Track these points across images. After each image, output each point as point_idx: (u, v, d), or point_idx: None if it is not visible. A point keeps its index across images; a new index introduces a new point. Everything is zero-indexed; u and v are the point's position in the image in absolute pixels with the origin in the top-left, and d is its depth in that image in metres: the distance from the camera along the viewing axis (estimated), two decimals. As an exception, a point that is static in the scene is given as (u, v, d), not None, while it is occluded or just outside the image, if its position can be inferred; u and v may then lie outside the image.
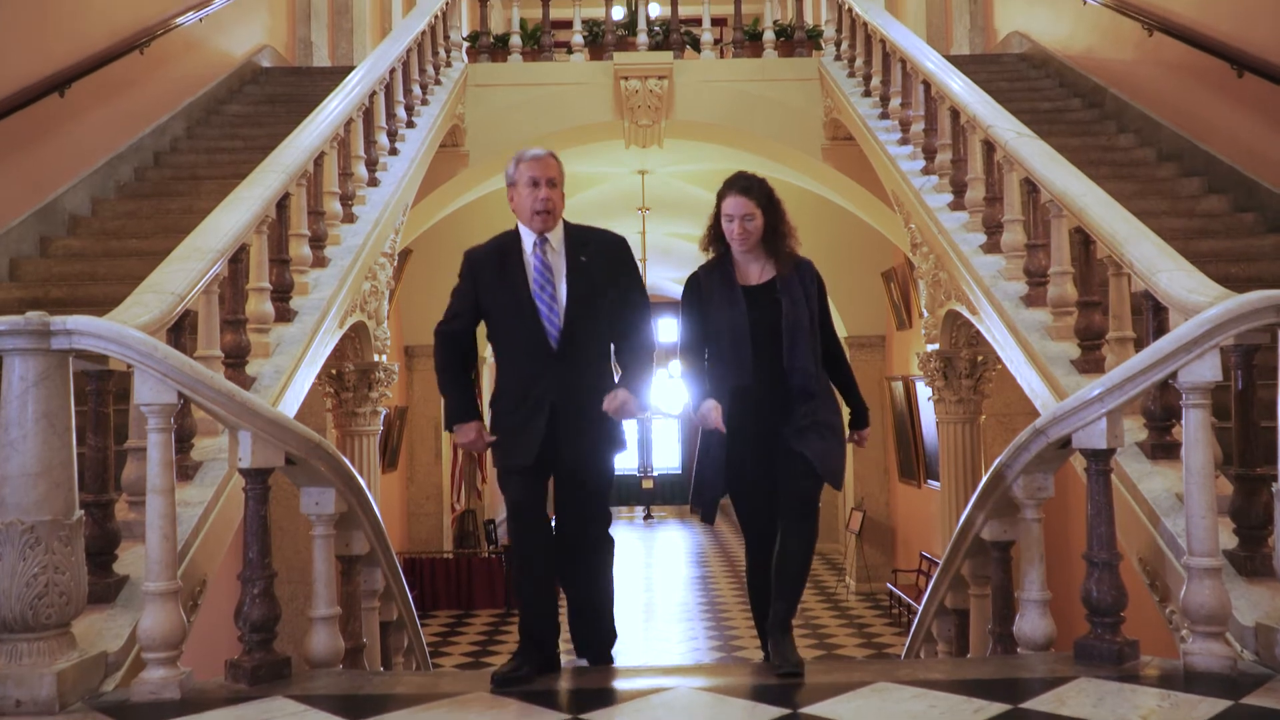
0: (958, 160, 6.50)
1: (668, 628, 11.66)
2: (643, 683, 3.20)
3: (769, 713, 2.86)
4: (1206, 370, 3.07)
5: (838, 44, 9.56)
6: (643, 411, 3.50)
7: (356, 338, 6.52)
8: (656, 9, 12.09)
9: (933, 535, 10.79)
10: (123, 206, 7.22)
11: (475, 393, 3.56)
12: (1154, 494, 3.73)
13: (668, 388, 17.28)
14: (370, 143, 6.98)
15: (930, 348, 7.11)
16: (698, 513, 3.76)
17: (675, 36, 9.90)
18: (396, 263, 7.13)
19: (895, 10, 12.34)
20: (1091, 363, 4.58)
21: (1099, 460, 3.23)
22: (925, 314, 7.03)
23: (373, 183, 6.94)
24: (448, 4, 9.46)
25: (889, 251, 12.14)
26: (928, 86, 7.03)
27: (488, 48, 10.03)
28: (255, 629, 3.13)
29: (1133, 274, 4.21)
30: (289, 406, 4.80)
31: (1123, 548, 3.44)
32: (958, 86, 6.45)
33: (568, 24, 10.19)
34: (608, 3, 10.22)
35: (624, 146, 10.09)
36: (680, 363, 3.73)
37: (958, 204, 6.42)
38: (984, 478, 3.78)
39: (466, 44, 10.22)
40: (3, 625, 2.79)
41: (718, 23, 10.50)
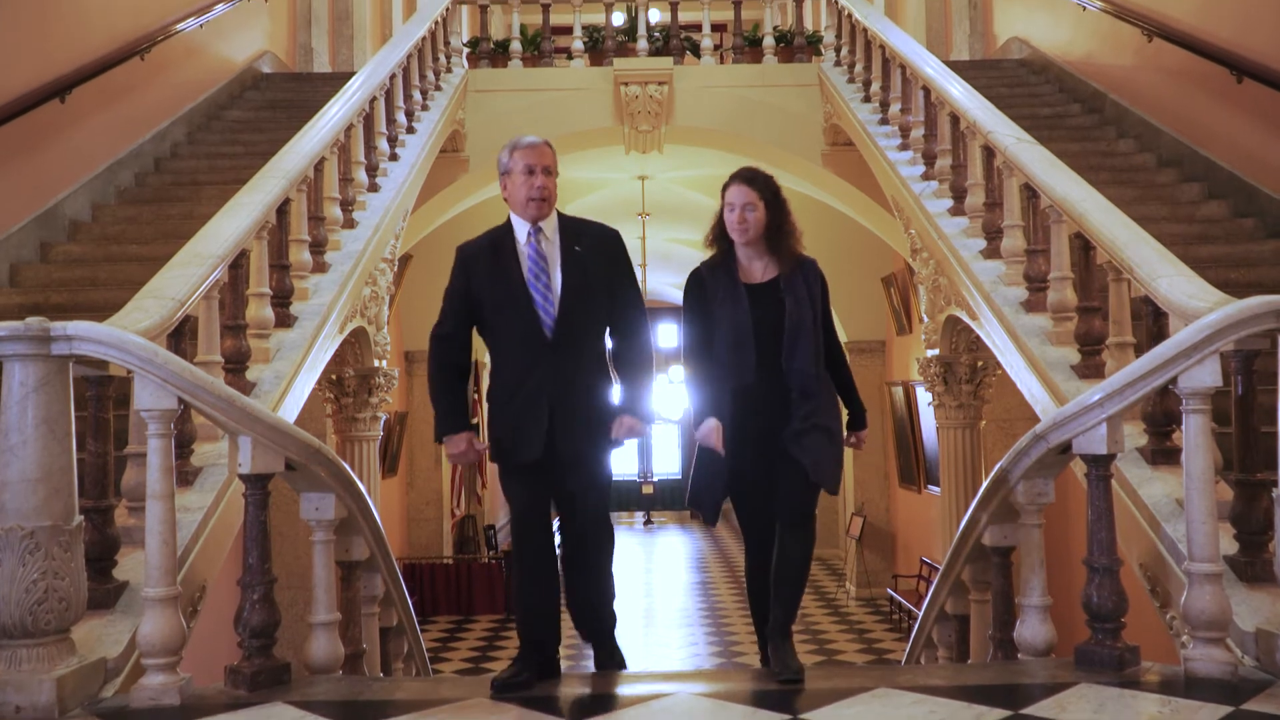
0: (957, 166, 6.51)
1: (668, 633, 11.65)
2: (643, 688, 3.20)
3: (769, 718, 2.86)
4: (1206, 376, 3.07)
5: (837, 50, 9.58)
6: (649, 423, 3.47)
7: (356, 343, 6.52)
8: (656, 15, 12.07)
9: (933, 540, 10.78)
10: (123, 212, 7.23)
11: (467, 402, 3.49)
12: (1154, 499, 3.73)
13: (668, 393, 17.27)
14: (370, 148, 6.99)
15: (930, 353, 7.11)
16: (697, 515, 3.74)
17: (675, 42, 9.92)
18: (397, 268, 7.14)
19: (895, 16, 12.36)
20: (1092, 368, 4.59)
21: (1099, 465, 3.23)
22: (925, 319, 7.03)
23: (373, 188, 6.94)
24: (448, 10, 9.48)
25: (889, 257, 12.15)
26: (927, 92, 7.04)
27: (488, 53, 10.04)
28: (255, 634, 3.13)
29: (1133, 279, 4.21)
30: (289, 412, 4.80)
31: (1123, 553, 3.44)
32: (957, 92, 6.45)
33: (568, 30, 10.20)
34: (608, 8, 10.22)
35: (624, 152, 10.11)
36: (684, 368, 3.69)
37: (958, 209, 6.43)
38: (984, 483, 3.78)
39: (467, 50, 10.22)
40: (2, 631, 2.79)
41: (717, 28, 10.50)
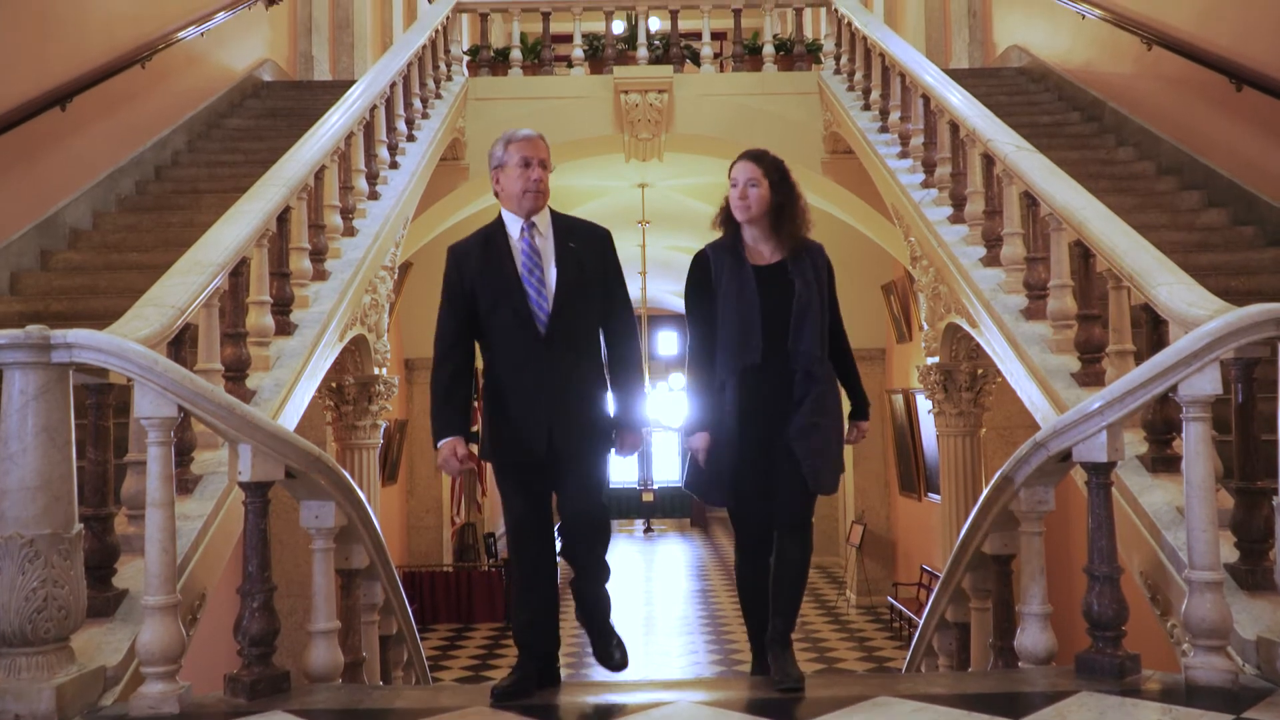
0: (957, 174, 6.51)
1: (668, 641, 11.63)
2: (643, 697, 3.19)
3: (769, 727, 2.85)
4: (1206, 384, 3.07)
5: (837, 58, 9.59)
6: (645, 428, 3.45)
7: (357, 351, 6.52)
8: (656, 23, 12.11)
9: (933, 548, 10.77)
10: (123, 220, 7.23)
11: (466, 407, 3.36)
12: (1155, 507, 3.72)
13: (669, 402, 17.25)
14: (371, 156, 6.99)
15: (930, 361, 7.11)
16: (700, 497, 3.60)
17: (675, 50, 9.93)
18: (397, 276, 7.14)
19: (894, 24, 12.39)
20: (1091, 376, 4.58)
21: (1099, 473, 3.23)
22: (925, 327, 7.03)
23: (373, 196, 6.95)
24: (448, 18, 9.50)
25: (889, 265, 12.16)
26: (927, 100, 7.05)
27: (488, 61, 10.06)
28: (254, 643, 3.13)
29: (1132, 287, 4.21)
30: (289, 420, 4.79)
31: (1124, 561, 3.44)
32: (957, 100, 6.46)
33: (568, 38, 10.22)
34: (608, 17, 10.24)
35: (624, 160, 10.11)
36: (686, 372, 3.64)
37: (957, 217, 6.43)
38: (985, 491, 3.78)
39: (467, 58, 10.25)
40: (2, 639, 2.78)
41: (717, 37, 10.53)
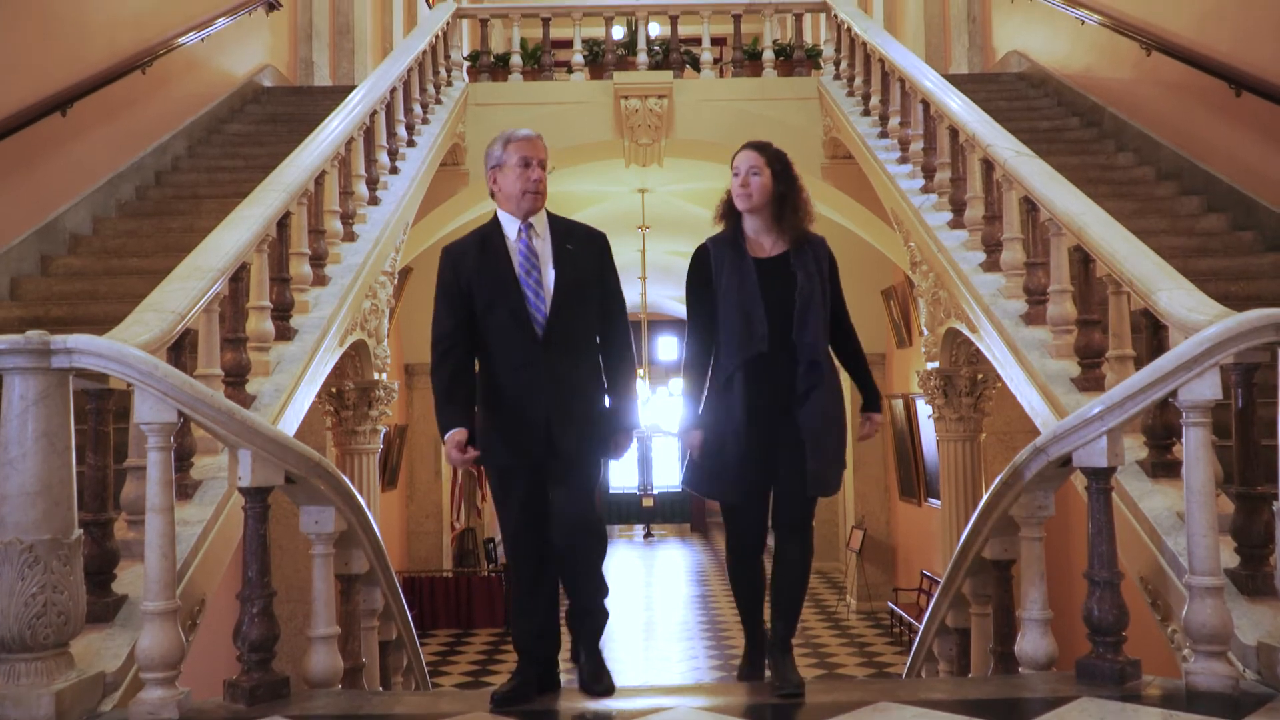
0: (957, 179, 6.52)
1: (668, 647, 11.62)
2: (643, 702, 3.18)
3: (770, 733, 2.85)
4: (1206, 389, 3.07)
5: (837, 63, 9.61)
6: (637, 430, 3.42)
7: (356, 356, 6.53)
8: (656, 28, 12.13)
9: (933, 553, 10.77)
10: (124, 225, 7.24)
11: (463, 403, 3.30)
12: (1155, 512, 3.72)
13: (669, 407, 17.24)
14: (371, 161, 7.00)
15: (930, 366, 7.11)
16: (699, 492, 3.53)
17: (675, 56, 9.95)
18: (397, 281, 7.14)
19: (894, 30, 12.40)
20: (1091, 381, 4.58)
21: (1099, 479, 3.22)
22: (925, 332, 7.03)
23: (373, 201, 6.95)
24: (448, 24, 9.52)
25: (888, 270, 12.17)
26: (926, 105, 7.06)
27: (488, 67, 10.08)
28: (254, 649, 3.12)
29: (1132, 292, 4.21)
30: (289, 425, 4.79)
31: (1124, 566, 3.44)
32: (956, 105, 6.47)
33: (568, 44, 10.23)
34: (608, 22, 10.26)
35: (624, 165, 10.13)
36: (683, 368, 3.61)
37: (957, 222, 6.43)
38: (985, 496, 3.77)
39: (467, 63, 10.27)
40: (1, 645, 2.78)
41: (717, 42, 10.54)
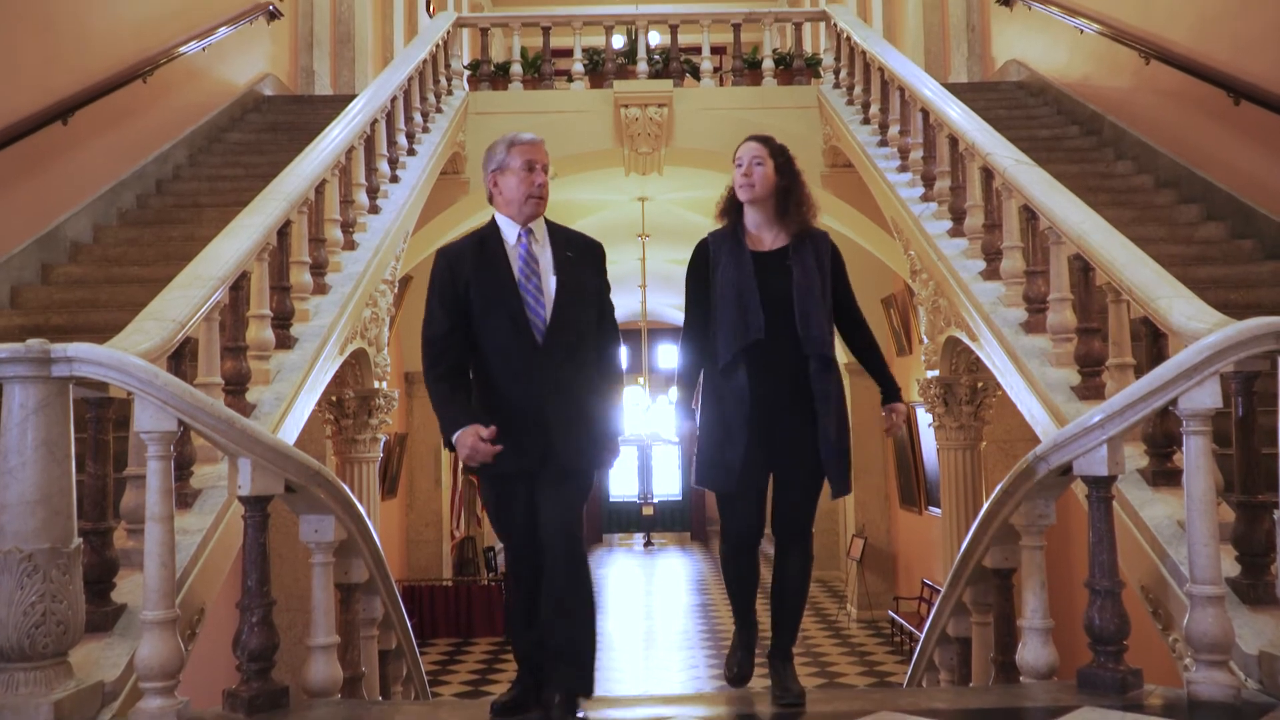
0: (956, 187, 6.52)
1: (668, 656, 11.59)
2: (643, 712, 3.18)
3: (770, 742, 2.84)
4: (1206, 397, 3.07)
5: (836, 72, 9.63)
6: (620, 437, 3.34)
7: (357, 364, 6.53)
8: (656, 37, 12.17)
9: (934, 562, 10.75)
10: (124, 234, 7.24)
11: (465, 401, 3.23)
12: (1156, 521, 3.72)
13: (670, 415, 17.26)
14: (371, 170, 7.01)
15: (930, 374, 7.11)
16: (703, 483, 3.44)
17: (675, 65, 9.97)
18: (397, 290, 7.15)
19: (893, 39, 12.43)
20: (1092, 389, 4.58)
21: (1100, 487, 3.22)
22: (925, 340, 7.03)
23: (374, 210, 6.96)
24: (449, 33, 9.54)
25: (888, 278, 12.17)
26: (926, 114, 7.07)
27: (489, 76, 10.10)
28: (253, 658, 3.11)
29: (1132, 300, 4.21)
30: (289, 433, 4.79)
31: (1125, 575, 3.43)
32: (956, 114, 6.48)
33: (568, 52, 10.25)
34: (608, 31, 10.28)
35: (624, 174, 10.14)
36: (677, 372, 3.55)
37: (957, 231, 6.44)
38: (985, 505, 3.77)
39: (468, 72, 10.28)
40: (0, 654, 2.77)
41: (717, 51, 10.56)
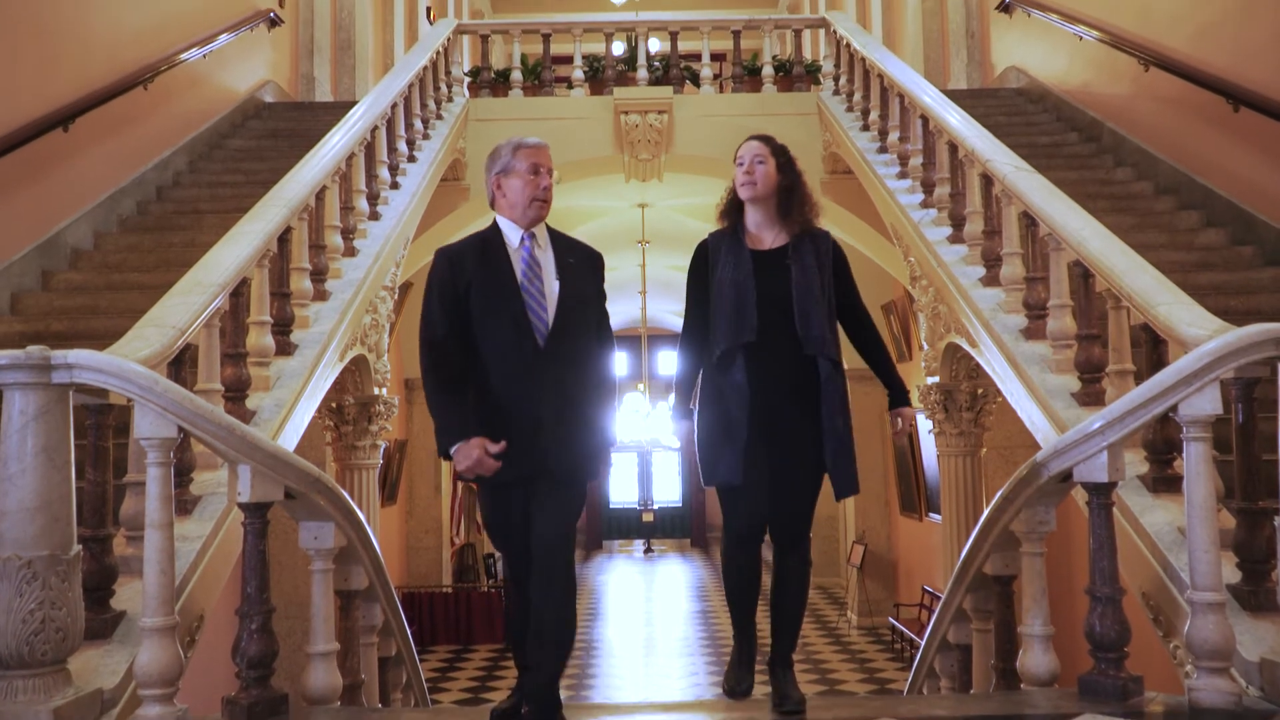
0: (956, 194, 6.53)
1: (668, 663, 11.57)
2: (643, 719, 3.17)
3: (771, 750, 2.84)
4: (1206, 403, 3.07)
5: (836, 79, 9.64)
6: (614, 445, 3.32)
7: (356, 371, 6.52)
8: (656, 44, 12.18)
9: (934, 569, 10.73)
10: (125, 240, 7.25)
11: (466, 409, 3.18)
12: (1156, 528, 3.71)
13: (668, 422, 17.27)
14: (372, 177, 7.01)
15: (930, 380, 7.10)
16: (708, 480, 3.39)
17: (675, 72, 9.98)
18: (397, 296, 7.15)
19: (893, 46, 12.45)
20: (1092, 396, 4.58)
21: (1100, 494, 3.22)
22: (925, 347, 7.03)
23: (374, 216, 6.96)
24: (449, 40, 9.56)
25: (888, 284, 12.17)
26: (926, 121, 7.07)
27: (489, 83, 10.11)
28: (253, 665, 3.10)
29: (1132, 307, 4.21)
30: (289, 440, 4.79)
31: (1125, 582, 3.42)
32: (956, 121, 6.48)
33: (568, 59, 10.27)
34: (608, 38, 10.30)
35: (624, 180, 10.15)
36: (676, 372, 3.54)
37: (957, 237, 6.44)
38: (985, 511, 3.76)
39: (468, 79, 10.30)
40: (-2, 661, 2.77)
41: (717, 58, 10.58)
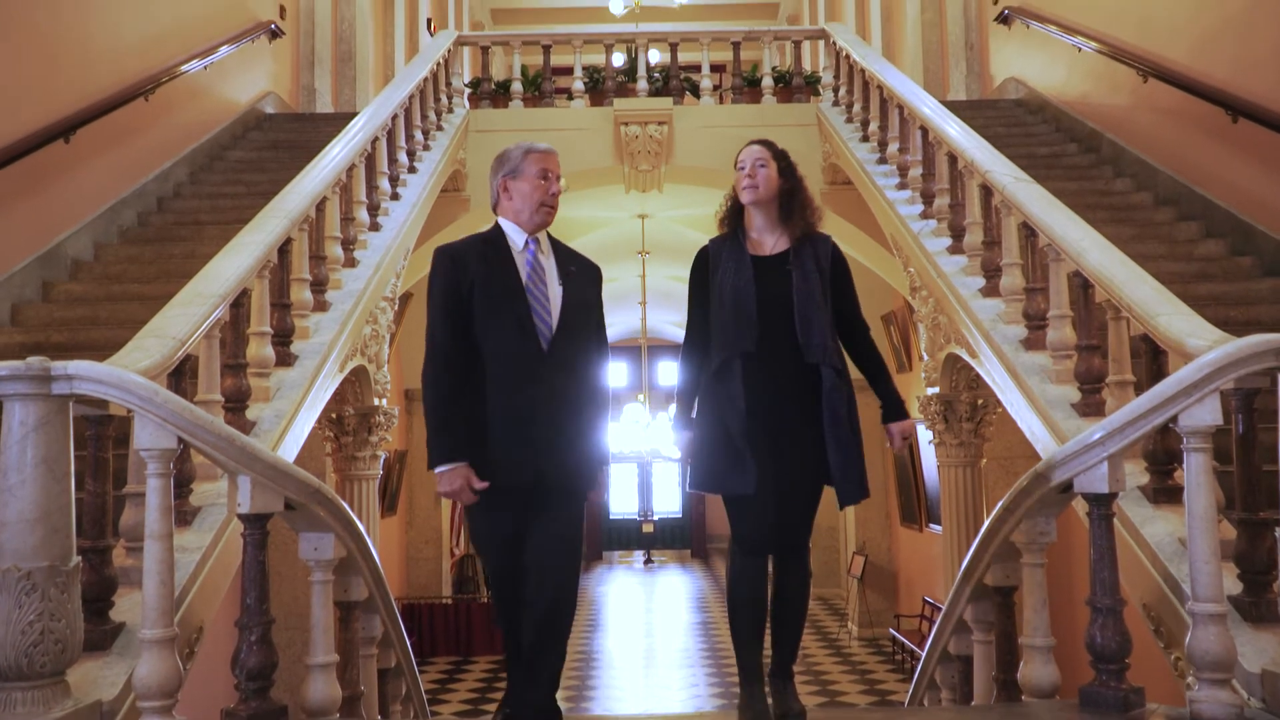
0: (956, 205, 6.53)
1: (668, 674, 11.54)
2: (643, 731, 3.16)
3: (771, 762, 2.83)
4: (1207, 414, 3.06)
5: (836, 90, 9.66)
6: (608, 456, 3.32)
7: (357, 381, 6.52)
8: (656, 55, 12.21)
9: (935, 580, 10.72)
10: (125, 251, 7.25)
11: (466, 425, 3.16)
12: (1157, 538, 3.71)
13: (669, 432, 17.25)
14: (372, 188, 7.02)
15: (930, 391, 7.10)
16: (704, 489, 3.33)
17: (675, 83, 10.01)
18: (397, 307, 7.15)
19: (892, 57, 12.48)
20: (1092, 406, 4.58)
21: (1101, 504, 3.21)
22: (925, 357, 7.03)
23: (374, 227, 6.97)
24: (449, 51, 9.59)
25: (888, 295, 12.18)
26: (925, 132, 7.09)
27: (489, 94, 10.13)
28: (252, 677, 3.09)
29: (1131, 317, 4.21)
30: (289, 451, 4.78)
31: (1126, 593, 3.42)
32: (955, 132, 6.49)
33: (569, 70, 10.30)
34: (608, 49, 10.32)
35: (624, 191, 10.17)
36: (678, 377, 3.52)
37: (956, 248, 6.44)
38: (986, 522, 3.76)
39: (468, 90, 10.33)
40: (-3, 673, 2.76)
41: (717, 69, 10.61)
